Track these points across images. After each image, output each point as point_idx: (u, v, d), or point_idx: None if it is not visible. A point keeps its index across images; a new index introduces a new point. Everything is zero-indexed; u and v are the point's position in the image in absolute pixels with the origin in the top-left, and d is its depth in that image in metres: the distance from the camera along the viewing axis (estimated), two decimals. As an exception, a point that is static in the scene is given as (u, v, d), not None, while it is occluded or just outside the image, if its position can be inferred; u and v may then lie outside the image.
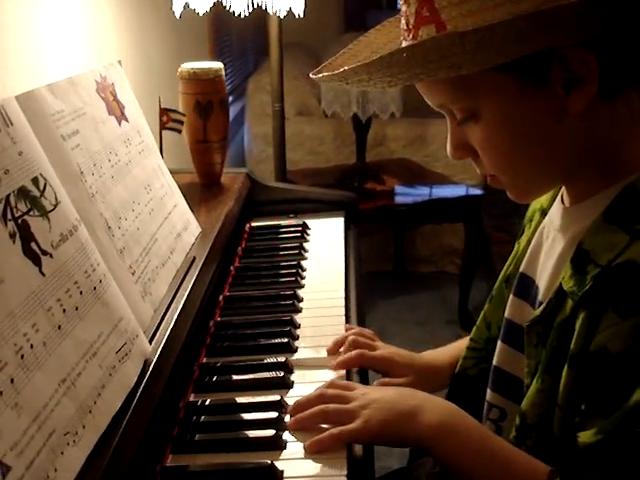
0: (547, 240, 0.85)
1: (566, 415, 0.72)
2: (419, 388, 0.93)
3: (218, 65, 1.37)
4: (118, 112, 1.05)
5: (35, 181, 0.70)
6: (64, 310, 0.69)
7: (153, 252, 0.99)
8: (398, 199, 2.73)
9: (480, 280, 3.01)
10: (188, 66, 1.35)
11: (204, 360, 1.00)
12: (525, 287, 0.88)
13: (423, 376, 1.01)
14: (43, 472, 0.59)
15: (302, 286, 1.22)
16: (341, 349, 0.99)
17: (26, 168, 0.70)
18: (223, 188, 1.45)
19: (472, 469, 0.77)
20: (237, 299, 1.17)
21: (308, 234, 1.45)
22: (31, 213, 0.68)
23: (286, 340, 1.03)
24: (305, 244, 1.39)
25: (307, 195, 1.57)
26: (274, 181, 1.99)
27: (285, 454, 0.80)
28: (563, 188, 0.83)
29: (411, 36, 0.74)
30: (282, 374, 0.95)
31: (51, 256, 0.69)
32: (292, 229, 1.46)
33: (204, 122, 1.37)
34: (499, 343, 0.91)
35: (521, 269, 0.89)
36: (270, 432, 0.83)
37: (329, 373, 0.96)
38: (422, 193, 2.81)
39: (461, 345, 1.05)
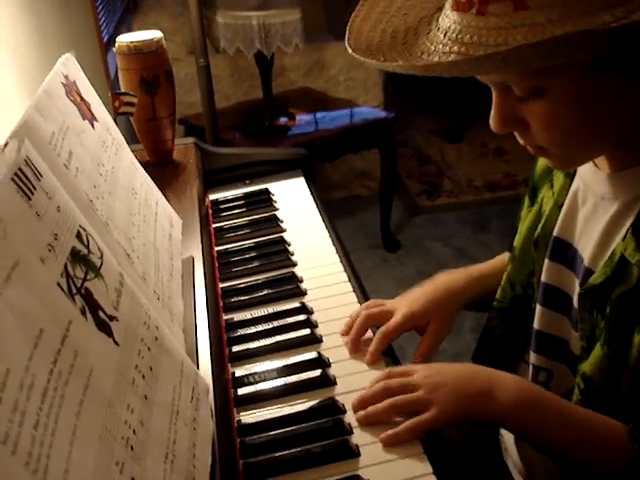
0: (584, 205, 0.85)
1: (635, 375, 0.74)
2: (448, 318, 0.99)
3: (158, 34, 1.25)
4: (88, 114, 0.94)
5: (79, 237, 0.61)
6: (143, 376, 0.62)
7: (161, 265, 0.91)
8: (312, 134, 2.66)
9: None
10: (126, 39, 1.23)
11: (234, 372, 0.93)
12: (563, 252, 0.88)
13: (445, 306, 1.00)
14: None
15: (295, 264, 1.17)
16: (350, 335, 0.96)
17: (68, 225, 0.61)
18: (179, 165, 1.36)
19: (553, 439, 0.79)
20: (235, 291, 1.11)
21: (275, 201, 1.38)
22: (88, 277, 0.60)
23: (309, 331, 0.99)
24: (277, 213, 1.33)
25: (260, 157, 1.49)
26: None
27: (364, 461, 0.78)
28: None
29: (475, 10, 0.69)
30: (319, 372, 0.91)
31: (117, 319, 0.61)
32: (257, 199, 1.39)
33: (151, 98, 1.26)
34: (538, 307, 0.91)
35: (556, 234, 0.89)
36: (338, 439, 0.80)
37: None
38: (335, 124, 2.76)
39: (473, 269, 1.07)
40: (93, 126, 0.93)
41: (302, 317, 1.02)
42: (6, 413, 0.42)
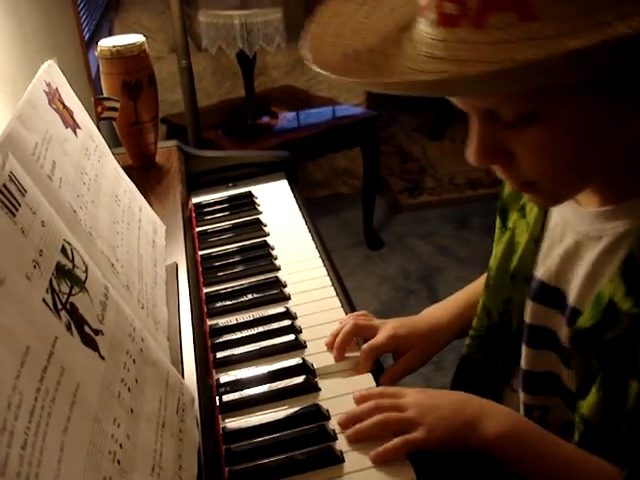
0: (563, 241, 0.80)
1: (631, 422, 0.71)
2: (426, 352, 0.99)
3: (140, 39, 1.25)
4: (71, 121, 0.94)
5: (64, 251, 0.62)
6: (129, 389, 0.62)
7: (145, 273, 0.91)
8: (294, 133, 2.67)
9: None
10: (108, 43, 1.22)
11: (219, 378, 0.94)
12: (547, 294, 0.84)
13: (427, 339, 0.99)
14: None
15: (279, 268, 1.17)
16: (337, 339, 0.96)
17: (53, 239, 0.61)
18: (162, 169, 1.36)
19: (543, 474, 0.77)
20: (219, 297, 1.11)
21: (258, 204, 1.38)
22: (73, 292, 0.60)
23: (293, 337, 1.00)
24: (260, 217, 1.33)
25: (243, 160, 1.50)
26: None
27: (348, 467, 0.79)
28: None
29: (469, 23, 0.59)
30: (304, 378, 0.92)
31: (102, 333, 0.61)
32: (240, 202, 1.39)
33: (134, 102, 1.26)
34: (524, 347, 0.88)
35: (539, 275, 0.84)
36: (322, 446, 0.81)
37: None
38: (317, 122, 2.76)
39: (460, 296, 1.06)
40: (76, 134, 0.93)
41: (286, 322, 1.03)
42: (-5, 434, 0.43)
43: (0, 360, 0.47)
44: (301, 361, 0.95)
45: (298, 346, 0.98)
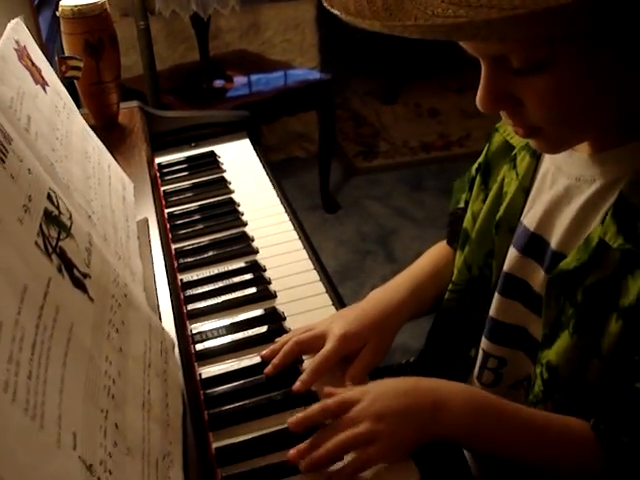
0: (553, 188, 0.81)
1: (608, 364, 0.71)
2: (383, 343, 0.90)
3: (101, -2, 1.25)
4: (40, 78, 0.94)
5: (50, 198, 0.63)
6: (117, 330, 0.64)
7: (119, 227, 0.93)
8: (250, 97, 2.67)
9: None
10: (70, 3, 1.22)
11: (192, 329, 0.96)
12: (531, 242, 0.84)
13: (380, 329, 0.91)
14: (166, 505, 0.58)
15: (245, 223, 1.20)
16: (278, 355, 0.88)
17: (39, 187, 0.62)
18: (125, 129, 1.36)
19: (512, 448, 0.76)
20: (188, 252, 1.13)
21: (222, 163, 1.40)
22: (61, 237, 0.62)
23: (263, 288, 1.03)
24: (224, 175, 1.36)
25: (205, 120, 1.51)
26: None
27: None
28: None
29: None
30: (276, 326, 0.95)
31: (90, 277, 0.64)
32: (203, 161, 1.41)
33: (96, 62, 1.26)
34: (496, 295, 0.88)
35: (525, 222, 0.85)
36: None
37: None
38: (272, 86, 2.76)
39: (405, 277, 1.01)
40: (45, 91, 0.94)
41: (255, 274, 1.06)
42: (3, 364, 0.45)
43: (2, 296, 0.49)
44: (272, 309, 0.98)
45: (268, 296, 1.02)
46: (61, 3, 1.22)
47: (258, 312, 0.98)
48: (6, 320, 0.48)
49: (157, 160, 1.42)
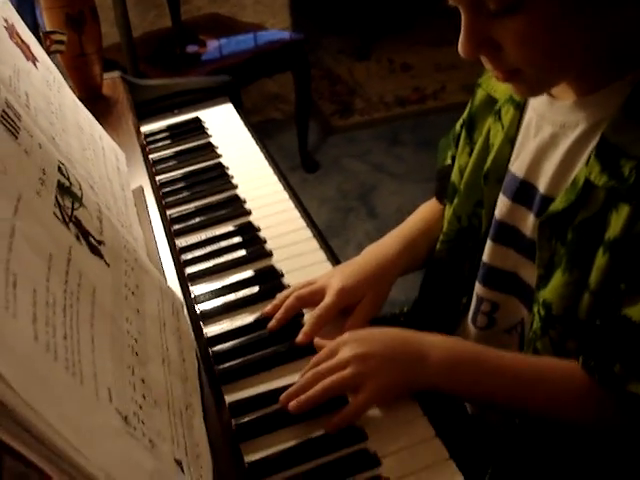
0: (538, 136, 0.84)
1: (597, 298, 0.74)
2: (380, 294, 0.94)
3: (79, -31, 1.25)
4: (30, 55, 0.96)
5: (60, 171, 0.66)
6: (133, 293, 0.68)
7: (117, 196, 0.96)
8: (225, 60, 2.67)
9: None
10: (47, -24, 1.22)
11: (193, 290, 1.00)
12: (520, 189, 0.87)
13: (377, 282, 0.95)
14: (193, 452, 0.62)
15: (236, 186, 1.23)
16: (280, 310, 0.91)
17: (50, 160, 0.65)
18: (109, 100, 1.38)
19: (499, 393, 0.78)
20: (183, 217, 1.16)
21: (207, 129, 1.42)
22: (75, 207, 0.65)
23: (259, 247, 1.06)
24: (211, 140, 1.38)
25: (186, 87, 1.53)
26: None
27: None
28: None
29: None
30: (275, 282, 0.99)
31: (104, 244, 0.67)
32: (189, 127, 1.43)
33: (78, 35, 1.27)
34: (489, 242, 0.92)
35: (513, 170, 0.88)
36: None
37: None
38: (246, 48, 2.76)
39: (398, 232, 1.05)
40: (36, 66, 0.96)
41: (250, 235, 1.09)
42: (42, 326, 0.48)
43: (33, 265, 0.52)
44: (271, 266, 1.02)
45: (265, 255, 1.05)
46: (39, -23, 1.23)
47: (256, 271, 1.02)
48: (39, 287, 0.51)
49: (142, 129, 1.43)
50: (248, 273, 1.02)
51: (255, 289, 0.99)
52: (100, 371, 0.53)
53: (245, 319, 0.94)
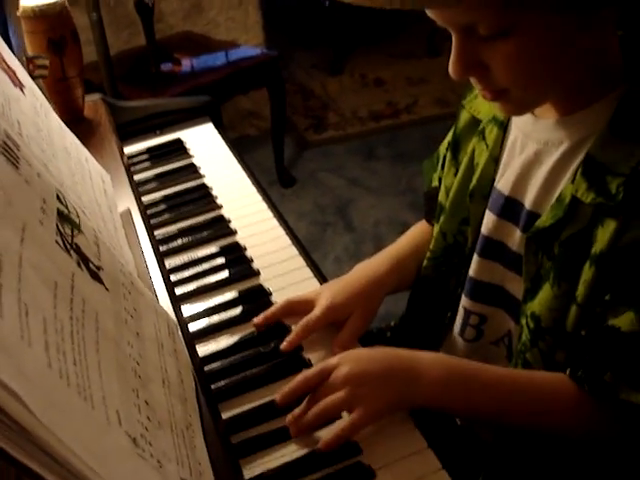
0: (522, 153, 0.87)
1: (583, 310, 0.77)
2: (369, 311, 0.96)
3: (60, -5, 1.27)
4: (17, 80, 0.97)
5: (59, 198, 0.68)
6: (131, 316, 0.69)
7: (106, 219, 0.97)
8: (200, 78, 2.69)
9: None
10: (30, 3, 1.24)
11: (183, 310, 1.02)
12: (505, 205, 0.90)
13: (366, 298, 0.97)
14: (197, 471, 0.63)
15: (220, 206, 1.25)
16: (270, 309, 0.96)
17: (48, 188, 0.67)
18: (92, 122, 1.39)
19: (492, 408, 0.80)
20: (169, 238, 1.17)
21: (189, 149, 1.44)
22: (75, 233, 0.66)
23: (246, 266, 1.08)
24: (193, 160, 1.40)
25: (167, 108, 1.54)
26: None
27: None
28: None
29: None
30: (263, 301, 1.01)
31: (102, 269, 0.68)
32: (171, 148, 1.45)
33: (60, 59, 1.28)
34: (475, 257, 0.94)
35: (499, 187, 0.91)
36: (291, 356, 0.91)
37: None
38: (221, 66, 2.78)
39: (389, 251, 1.07)
40: (24, 92, 0.97)
41: (237, 254, 1.11)
42: (54, 353, 0.50)
43: (40, 293, 0.53)
44: (258, 286, 1.04)
45: (252, 274, 1.07)
46: (21, 3, 1.24)
47: (244, 290, 1.04)
48: (48, 315, 0.53)
49: (125, 150, 1.45)
50: (235, 292, 1.04)
51: (243, 308, 1.01)
52: (108, 395, 0.55)
53: (234, 337, 0.96)
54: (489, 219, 0.92)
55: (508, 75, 0.75)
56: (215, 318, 1.00)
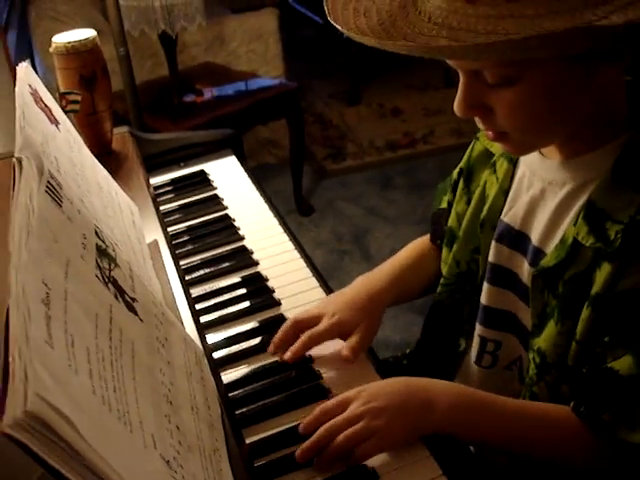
0: (530, 190, 0.91)
1: (583, 347, 0.80)
2: (373, 324, 1.01)
3: (92, 33, 1.32)
4: (53, 118, 1.02)
5: (97, 234, 0.72)
6: (163, 345, 0.73)
7: (135, 250, 1.01)
8: (222, 109, 2.75)
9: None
10: (62, 40, 1.29)
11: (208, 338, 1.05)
12: (510, 235, 0.94)
13: (369, 313, 1.02)
14: (224, 494, 0.67)
15: (243, 237, 1.29)
16: (276, 336, 1.00)
17: (88, 225, 0.71)
18: (120, 155, 1.44)
19: (501, 436, 0.84)
20: (193, 268, 1.21)
21: (212, 181, 1.49)
22: (112, 267, 0.71)
23: (268, 296, 1.12)
24: (216, 192, 1.44)
25: (192, 140, 1.59)
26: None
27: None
28: None
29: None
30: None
31: (137, 300, 0.72)
32: (195, 180, 1.49)
33: (91, 94, 1.34)
34: (485, 284, 0.98)
35: (504, 218, 0.95)
36: (312, 383, 0.94)
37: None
38: (241, 97, 2.85)
39: (387, 265, 1.12)
40: (59, 129, 1.02)
41: (259, 285, 1.15)
42: (97, 381, 0.54)
43: (83, 325, 0.58)
44: (280, 315, 1.07)
45: (274, 304, 1.11)
46: (53, 40, 1.29)
47: (265, 320, 1.07)
48: (90, 345, 0.57)
49: (151, 182, 1.50)
50: (257, 323, 1.08)
51: (265, 337, 1.05)
52: (144, 420, 0.58)
53: (255, 365, 0.99)
54: (496, 249, 0.96)
55: (509, 121, 0.79)
56: (237, 347, 1.03)
